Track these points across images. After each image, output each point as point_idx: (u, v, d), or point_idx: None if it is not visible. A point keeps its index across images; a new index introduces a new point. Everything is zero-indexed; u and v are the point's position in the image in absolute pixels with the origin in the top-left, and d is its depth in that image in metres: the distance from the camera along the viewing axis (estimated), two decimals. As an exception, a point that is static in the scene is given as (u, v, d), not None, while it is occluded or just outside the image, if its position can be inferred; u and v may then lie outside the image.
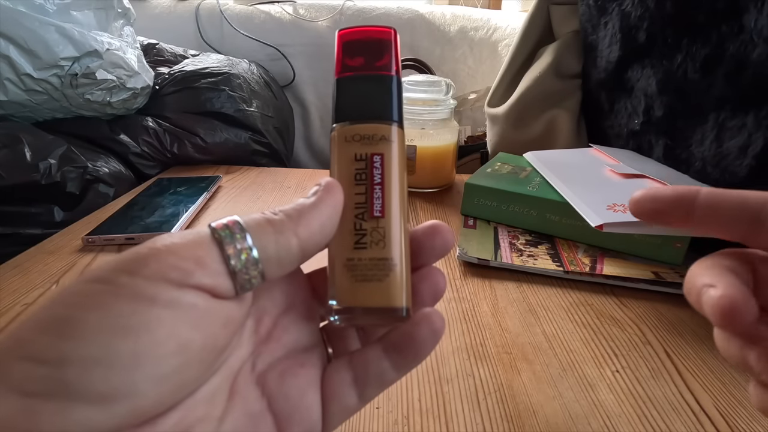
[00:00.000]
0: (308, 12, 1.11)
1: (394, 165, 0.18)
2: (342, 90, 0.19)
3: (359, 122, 0.18)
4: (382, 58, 0.19)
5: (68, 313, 0.12)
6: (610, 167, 0.48)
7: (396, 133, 0.18)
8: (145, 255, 0.13)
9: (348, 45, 0.19)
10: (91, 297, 0.12)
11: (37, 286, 0.39)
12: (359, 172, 0.18)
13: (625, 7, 0.51)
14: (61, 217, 0.53)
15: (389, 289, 0.17)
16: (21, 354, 0.11)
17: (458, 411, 0.28)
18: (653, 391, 0.29)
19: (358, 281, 0.17)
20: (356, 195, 0.17)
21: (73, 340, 0.11)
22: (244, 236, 0.14)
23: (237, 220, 0.15)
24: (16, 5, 0.53)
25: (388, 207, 0.17)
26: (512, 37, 0.98)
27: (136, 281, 0.12)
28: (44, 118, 0.62)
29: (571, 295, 0.39)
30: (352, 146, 0.18)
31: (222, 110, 0.74)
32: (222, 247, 0.14)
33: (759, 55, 0.37)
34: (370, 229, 0.17)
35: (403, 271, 0.17)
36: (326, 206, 0.16)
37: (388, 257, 0.17)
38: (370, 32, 0.19)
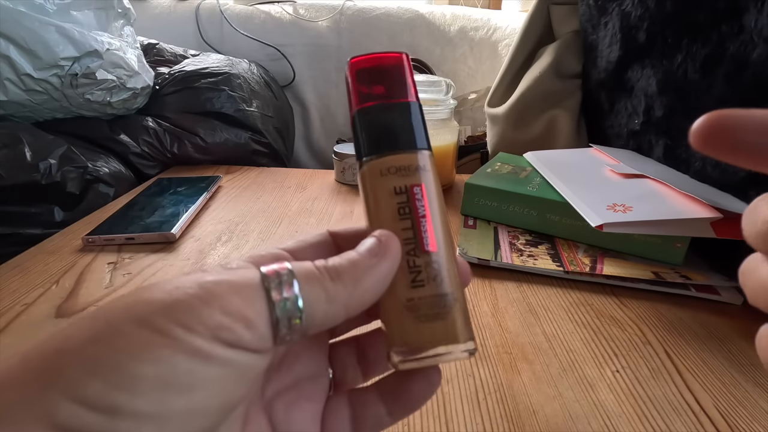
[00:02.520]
0: (308, 12, 1.11)
1: (434, 193, 0.17)
2: (364, 122, 0.18)
3: (391, 154, 0.17)
4: (399, 84, 0.18)
5: (121, 360, 0.11)
6: (610, 167, 0.48)
7: (429, 160, 0.18)
8: (195, 306, 0.13)
9: (361, 74, 0.18)
10: (143, 346, 0.12)
11: (37, 286, 0.39)
12: (401, 206, 0.17)
13: (625, 7, 0.51)
14: (61, 217, 0.53)
15: (455, 326, 0.16)
16: (69, 394, 0.11)
17: (458, 411, 0.28)
18: (653, 391, 0.29)
19: (423, 322, 0.16)
20: (403, 231, 0.17)
21: (128, 393, 0.11)
22: (295, 303, 0.14)
23: (290, 270, 0.14)
24: (16, 5, 0.53)
25: (438, 239, 0.17)
26: (512, 37, 0.98)
27: (192, 337, 0.12)
28: (44, 118, 0.62)
29: (571, 295, 0.39)
30: (389, 179, 0.17)
31: (222, 110, 0.74)
32: (271, 308, 0.14)
33: (759, 55, 0.37)
34: (424, 265, 0.16)
35: (463, 303, 0.17)
36: (384, 269, 0.15)
37: (448, 292, 0.16)
38: (382, 59, 0.18)
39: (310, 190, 0.64)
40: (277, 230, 0.51)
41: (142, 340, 0.12)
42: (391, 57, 0.18)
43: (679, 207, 0.38)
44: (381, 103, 0.18)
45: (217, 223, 0.53)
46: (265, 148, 0.80)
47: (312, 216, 0.55)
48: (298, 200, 0.60)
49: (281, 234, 0.50)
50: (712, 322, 0.36)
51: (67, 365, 0.11)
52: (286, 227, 0.52)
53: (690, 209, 0.37)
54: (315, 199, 0.60)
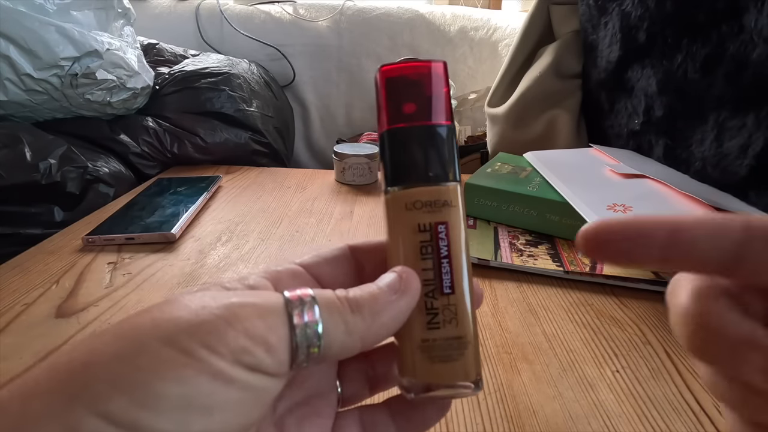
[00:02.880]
0: (308, 12, 1.11)
1: (459, 233, 0.16)
2: (393, 145, 0.17)
3: (418, 186, 0.16)
4: (435, 102, 0.17)
5: (145, 377, 0.12)
6: (610, 167, 0.48)
7: (459, 193, 0.17)
8: (220, 328, 0.13)
9: (393, 86, 0.17)
10: (167, 365, 0.12)
11: (37, 286, 0.39)
12: (424, 245, 0.16)
13: (625, 7, 0.51)
14: (61, 217, 0.53)
15: (466, 366, 0.16)
16: (94, 409, 0.11)
17: (458, 411, 0.28)
18: (653, 391, 0.29)
19: (435, 362, 0.16)
20: (423, 271, 0.16)
21: (150, 411, 0.11)
22: (315, 334, 0.14)
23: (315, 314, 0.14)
24: (16, 5, 0.53)
25: (458, 282, 0.16)
26: (512, 37, 0.98)
27: (214, 359, 0.12)
28: (44, 118, 0.62)
29: (571, 295, 0.39)
30: (414, 215, 0.16)
31: (222, 110, 0.74)
32: (292, 335, 0.14)
33: (759, 55, 0.37)
34: (441, 308, 0.16)
35: (475, 343, 0.17)
36: (402, 306, 0.16)
37: (462, 335, 0.16)
38: (417, 68, 0.17)
39: (310, 190, 0.64)
40: (277, 230, 0.51)
41: (167, 359, 0.12)
42: (426, 66, 0.17)
43: (679, 207, 0.38)
44: (412, 126, 0.17)
45: (217, 223, 0.53)
46: (265, 148, 0.80)
47: (312, 216, 0.55)
48: (298, 200, 0.60)
49: (281, 234, 0.50)
50: (712, 322, 0.36)
51: (93, 379, 0.11)
52: (286, 227, 0.52)
53: (690, 209, 0.37)
54: (315, 199, 0.60)
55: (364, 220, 0.54)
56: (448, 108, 0.17)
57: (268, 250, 0.47)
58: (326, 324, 0.14)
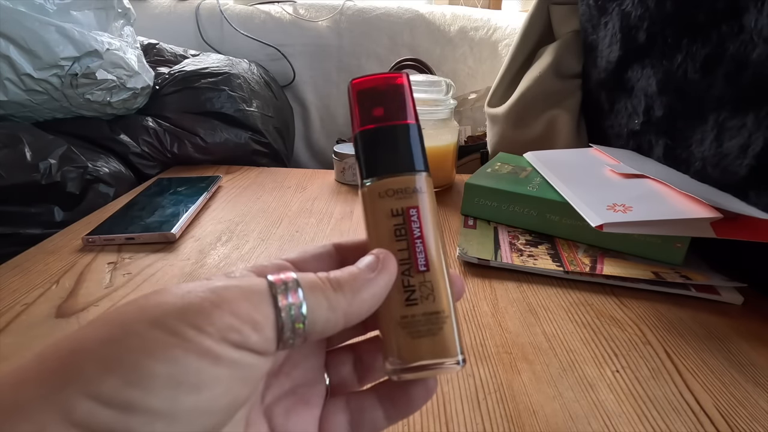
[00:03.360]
0: (308, 12, 1.11)
1: (429, 215, 0.18)
2: (365, 144, 0.19)
3: (389, 176, 0.18)
4: (398, 106, 0.19)
5: (135, 358, 0.12)
6: (610, 167, 0.48)
7: (426, 182, 0.18)
8: (207, 309, 0.13)
9: (362, 96, 0.19)
10: (157, 346, 0.12)
11: (37, 286, 0.39)
12: (398, 228, 0.18)
13: (625, 7, 0.51)
14: (61, 217, 0.53)
15: (445, 341, 0.17)
16: (86, 391, 0.11)
17: (458, 411, 0.28)
18: (653, 391, 0.29)
19: (415, 338, 0.17)
20: (399, 252, 0.18)
21: (141, 390, 0.12)
22: (299, 311, 0.15)
23: (295, 279, 0.15)
24: (16, 5, 0.53)
25: (431, 259, 0.17)
26: (512, 37, 0.98)
27: (202, 338, 0.13)
28: (44, 118, 0.62)
29: (571, 295, 0.39)
30: (387, 202, 0.18)
31: (222, 110, 0.74)
32: (277, 312, 0.14)
33: (759, 55, 0.37)
34: (418, 285, 0.17)
35: (453, 321, 0.17)
36: (381, 284, 0.16)
37: (440, 310, 0.17)
38: (383, 80, 0.19)
39: (310, 190, 0.64)
40: (277, 230, 0.51)
41: (156, 340, 0.12)
42: (391, 78, 0.19)
43: (679, 207, 0.38)
44: (380, 126, 0.19)
45: (217, 223, 0.53)
46: (265, 148, 0.80)
47: (312, 216, 0.55)
48: (298, 200, 0.60)
49: (281, 234, 0.50)
50: (712, 322, 0.36)
51: (84, 363, 0.12)
52: (286, 227, 0.52)
53: (690, 209, 0.37)
54: (315, 199, 0.60)
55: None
56: (413, 111, 0.19)
57: (268, 250, 0.47)
58: (310, 302, 0.15)
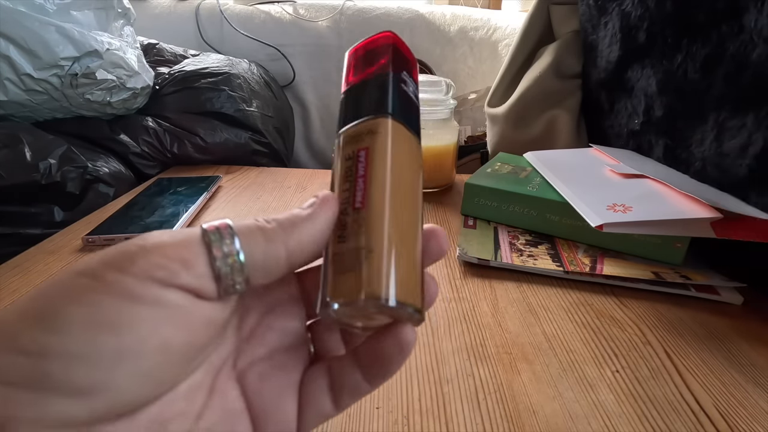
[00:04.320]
0: (308, 12, 1.11)
1: (383, 156, 0.17)
2: (344, 101, 0.19)
3: (351, 125, 0.18)
4: (378, 61, 0.18)
5: (53, 305, 0.12)
6: (610, 167, 0.48)
7: (387, 126, 0.17)
8: (134, 252, 0.13)
9: (352, 60, 0.19)
10: (77, 291, 0.12)
11: (37, 286, 0.39)
12: (347, 170, 0.17)
13: (625, 7, 0.51)
14: (61, 217, 0.53)
15: (368, 277, 0.15)
16: (3, 343, 0.11)
17: (458, 411, 0.28)
18: (653, 391, 0.29)
19: (338, 273, 0.16)
20: (343, 192, 0.17)
21: (57, 334, 0.12)
22: (233, 241, 0.14)
23: (228, 223, 0.15)
24: (16, 5, 0.53)
25: (370, 197, 0.16)
26: (512, 37, 0.98)
27: (124, 278, 0.13)
28: (44, 118, 0.62)
29: (571, 295, 0.39)
30: (345, 149, 0.18)
31: (222, 110, 0.74)
32: (210, 249, 0.14)
33: (759, 55, 0.37)
34: (350, 222, 0.16)
35: (386, 261, 0.15)
36: (320, 219, 0.16)
37: (362, 245, 0.16)
38: (370, 41, 0.19)
39: (310, 190, 0.64)
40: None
41: (78, 286, 0.12)
42: (376, 37, 0.19)
43: (679, 207, 0.38)
44: (356, 82, 0.19)
45: (217, 223, 0.53)
46: (265, 148, 0.80)
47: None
48: (298, 200, 0.60)
49: (281, 234, 0.50)
50: (712, 322, 0.36)
51: (6, 321, 0.12)
52: (286, 227, 0.52)
53: (690, 209, 0.37)
54: (315, 199, 0.60)
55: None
56: (394, 63, 0.18)
57: (268, 250, 0.47)
58: (245, 238, 0.14)
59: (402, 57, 0.19)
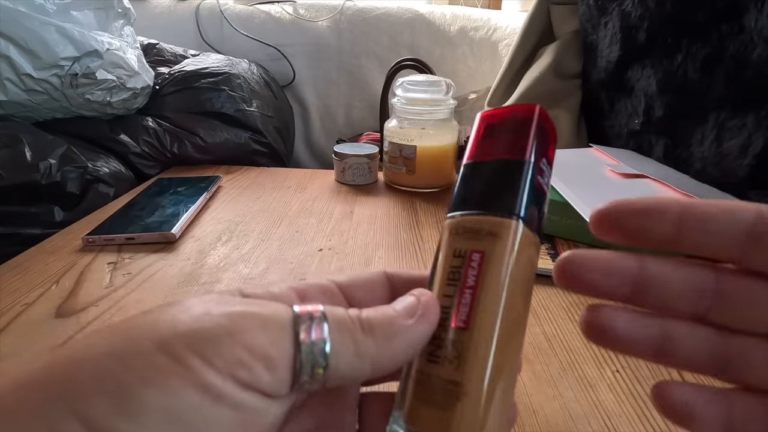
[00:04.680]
0: (308, 12, 1.11)
1: (499, 269, 0.14)
2: (464, 175, 0.16)
3: (470, 214, 0.15)
4: (518, 141, 0.15)
5: (130, 382, 0.11)
6: (610, 167, 0.48)
7: (513, 229, 0.15)
8: (220, 338, 0.12)
9: (486, 127, 0.17)
10: (159, 373, 0.11)
11: (37, 286, 0.39)
12: (454, 271, 0.15)
13: (625, 7, 0.51)
14: (61, 217, 0.53)
15: (450, 423, 0.13)
16: (75, 410, 0.11)
17: (458, 411, 0.28)
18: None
19: (420, 401, 0.14)
20: (444, 297, 0.15)
21: (130, 420, 0.11)
22: (322, 350, 0.13)
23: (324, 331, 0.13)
24: (16, 5, 0.53)
25: (476, 318, 0.14)
26: (512, 37, 0.98)
27: (207, 371, 0.12)
28: (44, 118, 0.62)
29: (571, 295, 0.39)
30: (456, 241, 0.15)
31: (222, 110, 0.74)
32: (297, 352, 0.13)
33: (759, 55, 0.37)
34: (447, 343, 0.14)
35: (479, 406, 0.13)
36: (417, 332, 0.14)
37: (459, 381, 0.14)
38: (511, 111, 0.16)
39: (310, 190, 0.64)
40: (277, 230, 0.51)
41: (157, 364, 0.11)
42: (519, 109, 0.16)
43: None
44: (485, 159, 0.16)
45: (217, 223, 0.53)
46: (265, 148, 0.80)
47: (312, 216, 0.55)
48: (298, 200, 0.60)
49: (281, 234, 0.50)
50: (712, 322, 0.36)
51: (79, 376, 0.11)
52: (286, 227, 0.52)
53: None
54: (315, 199, 0.60)
55: (364, 220, 0.54)
56: (535, 149, 0.16)
57: (269, 250, 0.47)
58: (334, 343, 0.13)
59: (545, 138, 0.16)
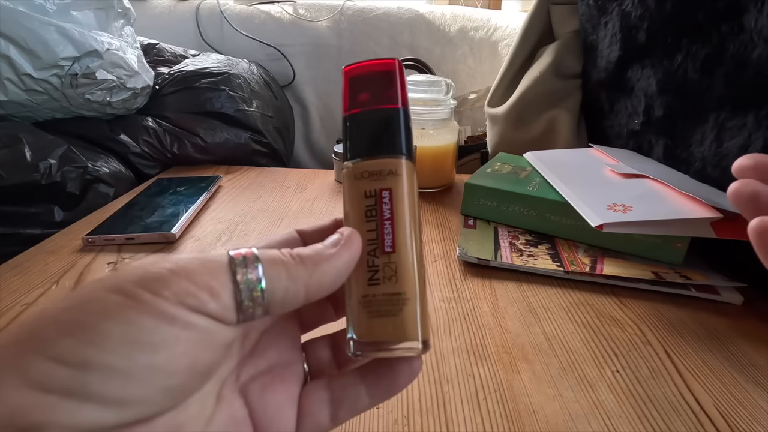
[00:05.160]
0: (308, 12, 1.11)
1: (403, 199, 0.18)
2: (351, 127, 0.19)
3: (368, 158, 0.18)
4: (387, 90, 0.19)
5: (91, 319, 0.12)
6: (610, 167, 0.48)
7: (404, 166, 0.18)
8: (165, 276, 0.14)
9: (354, 81, 0.19)
10: (113, 308, 0.13)
11: (37, 286, 0.39)
12: (369, 209, 0.18)
13: (625, 7, 0.51)
14: (61, 217, 0.53)
15: (404, 323, 0.17)
16: (42, 352, 0.12)
17: (458, 411, 0.28)
18: (653, 391, 0.29)
19: (373, 317, 0.17)
20: (368, 232, 0.18)
21: (97, 347, 0.12)
22: (257, 275, 0.15)
23: (255, 253, 0.15)
24: (16, 5, 0.53)
25: (399, 242, 0.17)
26: (512, 37, 0.98)
27: (158, 300, 0.13)
28: (44, 118, 0.62)
29: (571, 295, 0.39)
30: (362, 183, 0.18)
31: (222, 110, 0.74)
32: (235, 280, 0.15)
33: (759, 55, 0.37)
34: (382, 265, 0.17)
35: (417, 305, 0.17)
36: (343, 259, 0.17)
37: (400, 291, 0.17)
38: (374, 65, 0.19)
39: (310, 190, 0.64)
40: (277, 230, 0.51)
41: (113, 303, 0.13)
42: (381, 63, 0.19)
43: (679, 207, 0.38)
44: (365, 110, 0.19)
45: (217, 223, 0.53)
46: (265, 148, 0.80)
47: (312, 216, 0.55)
48: (298, 200, 0.60)
49: (281, 234, 0.50)
50: (712, 322, 0.36)
51: (42, 329, 0.12)
52: (286, 227, 0.52)
53: (690, 209, 0.37)
54: (315, 199, 0.60)
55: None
56: (402, 96, 0.19)
57: (268, 250, 0.47)
58: (269, 273, 0.15)
59: (404, 85, 0.19)
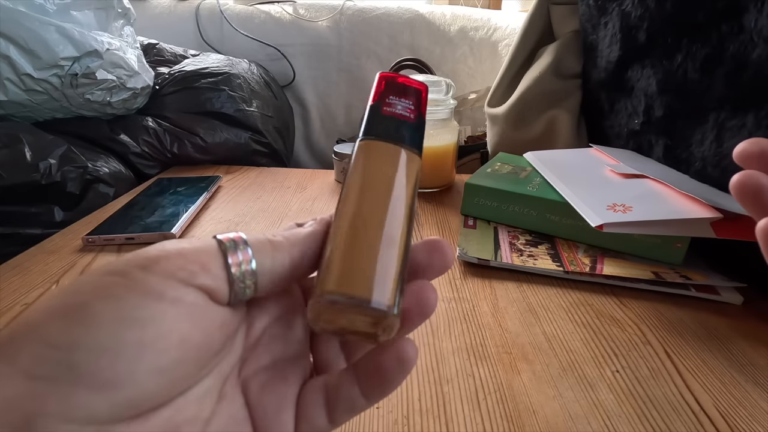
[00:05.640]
0: (308, 12, 1.11)
1: (397, 177, 0.19)
2: (374, 114, 0.21)
3: (379, 140, 0.20)
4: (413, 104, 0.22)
5: (81, 300, 0.13)
6: (610, 167, 0.48)
7: (404, 153, 0.20)
8: (157, 255, 0.14)
9: (387, 84, 0.22)
10: (105, 287, 0.13)
11: (37, 286, 0.39)
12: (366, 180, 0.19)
13: (625, 7, 0.51)
14: (61, 217, 0.53)
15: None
16: (32, 337, 0.12)
17: (458, 411, 0.28)
18: (653, 391, 0.29)
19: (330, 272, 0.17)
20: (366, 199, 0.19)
21: (85, 327, 0.12)
22: (246, 249, 0.16)
23: (242, 235, 0.16)
24: (16, 5, 0.53)
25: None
26: (512, 37, 0.98)
27: (148, 276, 0.13)
28: (44, 118, 0.62)
29: (571, 295, 0.39)
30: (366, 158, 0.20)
31: (222, 110, 0.74)
32: (225, 255, 0.15)
33: (759, 55, 0.37)
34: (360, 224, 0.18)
35: (387, 270, 0.16)
36: (317, 233, 0.18)
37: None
38: (407, 80, 0.22)
39: (310, 190, 0.64)
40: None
41: (105, 283, 0.13)
42: (413, 83, 0.22)
43: (679, 207, 0.38)
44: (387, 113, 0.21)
45: (217, 223, 0.53)
46: (265, 148, 0.80)
47: (312, 216, 0.55)
48: (298, 200, 0.60)
49: (281, 234, 0.50)
50: (712, 322, 0.36)
51: (33, 315, 0.13)
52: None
53: (690, 209, 0.37)
54: (315, 199, 0.60)
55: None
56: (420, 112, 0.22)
57: (268, 250, 0.47)
58: (256, 246, 0.16)
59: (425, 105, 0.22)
